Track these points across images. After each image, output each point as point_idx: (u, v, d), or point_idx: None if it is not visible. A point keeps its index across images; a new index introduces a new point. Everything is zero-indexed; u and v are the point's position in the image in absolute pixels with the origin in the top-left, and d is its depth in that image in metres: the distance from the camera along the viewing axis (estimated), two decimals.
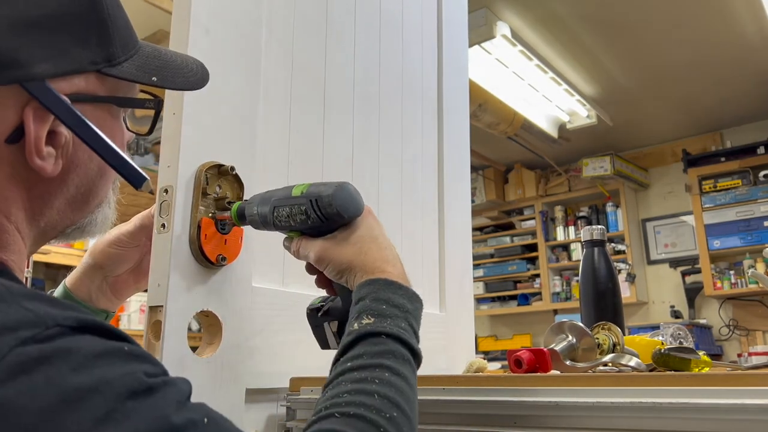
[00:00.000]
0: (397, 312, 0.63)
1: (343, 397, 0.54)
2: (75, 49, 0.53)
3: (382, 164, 1.24)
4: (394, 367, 0.58)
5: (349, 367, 0.58)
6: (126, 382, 0.40)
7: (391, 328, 0.61)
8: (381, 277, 0.67)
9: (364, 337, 0.61)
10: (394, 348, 0.60)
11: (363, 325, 0.61)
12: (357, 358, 0.59)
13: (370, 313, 0.62)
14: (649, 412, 0.62)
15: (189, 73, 0.64)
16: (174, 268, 0.79)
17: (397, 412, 0.54)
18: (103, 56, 0.55)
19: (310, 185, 0.71)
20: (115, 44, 0.56)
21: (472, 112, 3.66)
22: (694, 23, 3.32)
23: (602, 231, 1.21)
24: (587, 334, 0.87)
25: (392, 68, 1.30)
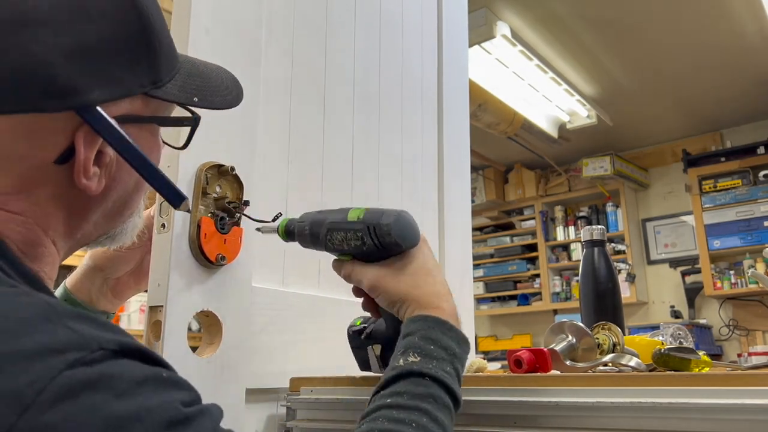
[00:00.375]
0: (444, 354, 0.63)
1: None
2: (126, 75, 0.54)
3: (382, 164, 1.24)
4: (433, 413, 0.58)
5: (389, 403, 0.59)
6: (165, 411, 0.41)
7: (436, 371, 0.61)
8: (433, 314, 0.67)
9: (408, 375, 0.61)
10: (435, 392, 0.60)
11: (409, 362, 0.62)
12: (398, 395, 0.59)
13: (417, 351, 0.62)
14: (649, 412, 0.62)
15: (225, 91, 0.65)
16: (174, 267, 0.79)
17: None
18: (150, 79, 0.56)
19: (366, 210, 0.71)
20: (162, 67, 0.57)
21: (472, 112, 3.65)
22: (695, 23, 3.32)
23: (602, 231, 1.21)
24: (587, 334, 0.87)
25: (392, 68, 1.30)
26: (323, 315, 1.03)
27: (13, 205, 0.52)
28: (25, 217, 0.53)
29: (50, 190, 0.53)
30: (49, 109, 0.50)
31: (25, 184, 0.52)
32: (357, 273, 0.72)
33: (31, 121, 0.50)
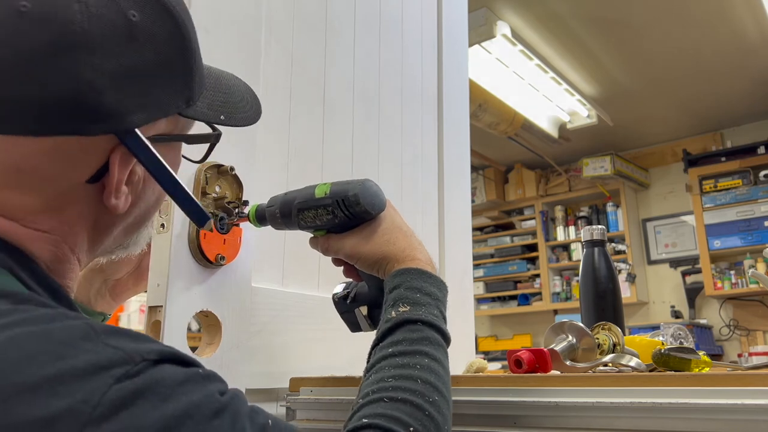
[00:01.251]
0: (429, 300, 0.69)
1: (389, 382, 0.59)
2: (165, 97, 0.54)
3: (381, 164, 1.24)
4: (432, 353, 0.63)
5: (391, 352, 0.63)
6: (209, 404, 0.44)
7: (427, 316, 0.66)
8: (412, 266, 0.71)
9: (403, 324, 0.65)
10: (429, 335, 0.65)
11: (400, 312, 0.66)
12: (397, 344, 0.64)
13: (405, 301, 0.67)
14: (649, 412, 0.62)
15: (246, 107, 0.66)
16: (173, 267, 0.79)
17: (437, 395, 0.59)
18: (185, 99, 0.56)
19: (332, 185, 0.74)
20: (195, 84, 0.57)
21: (472, 111, 3.65)
22: (695, 23, 3.32)
23: (602, 231, 1.21)
24: (587, 334, 0.87)
25: (392, 68, 1.30)
26: (323, 315, 1.03)
27: (43, 223, 0.53)
28: (54, 235, 0.53)
29: (79, 208, 0.54)
30: (92, 132, 0.50)
31: (55, 203, 0.53)
32: (334, 245, 0.76)
33: (70, 143, 0.51)
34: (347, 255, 0.75)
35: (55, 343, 0.42)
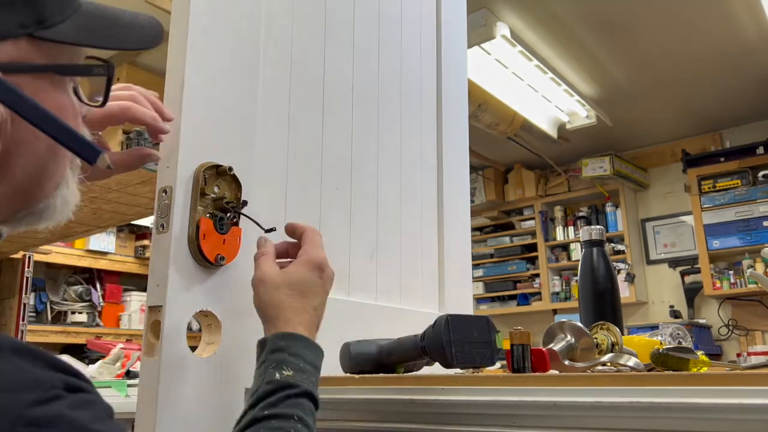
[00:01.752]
0: (310, 368, 0.70)
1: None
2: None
3: (381, 164, 1.24)
4: (306, 420, 0.65)
5: (266, 414, 0.63)
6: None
7: (307, 385, 0.68)
8: (298, 332, 0.72)
9: (284, 388, 0.66)
10: (306, 403, 0.66)
11: (284, 376, 0.67)
12: (274, 405, 0.64)
13: (289, 366, 0.68)
14: (648, 411, 0.62)
15: (139, 31, 0.58)
16: (173, 268, 0.79)
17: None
18: (33, 18, 0.48)
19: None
20: (48, 3, 0.49)
21: (471, 112, 3.65)
22: (694, 23, 3.32)
23: (601, 231, 1.21)
24: (586, 334, 0.87)
25: (391, 68, 1.30)
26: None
27: None
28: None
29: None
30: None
31: None
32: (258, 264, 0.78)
33: None
34: (254, 282, 0.76)
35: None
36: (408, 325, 1.09)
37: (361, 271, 1.15)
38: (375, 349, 0.92)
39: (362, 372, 0.92)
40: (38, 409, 0.39)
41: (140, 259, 4.13)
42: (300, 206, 1.03)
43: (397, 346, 0.91)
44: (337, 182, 1.12)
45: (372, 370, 0.92)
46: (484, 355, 0.87)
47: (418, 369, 0.97)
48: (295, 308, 0.73)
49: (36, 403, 0.39)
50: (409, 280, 1.27)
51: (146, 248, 4.11)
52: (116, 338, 3.67)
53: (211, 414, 0.81)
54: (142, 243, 4.16)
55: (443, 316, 0.84)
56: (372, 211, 1.20)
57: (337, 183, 1.12)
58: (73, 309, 3.80)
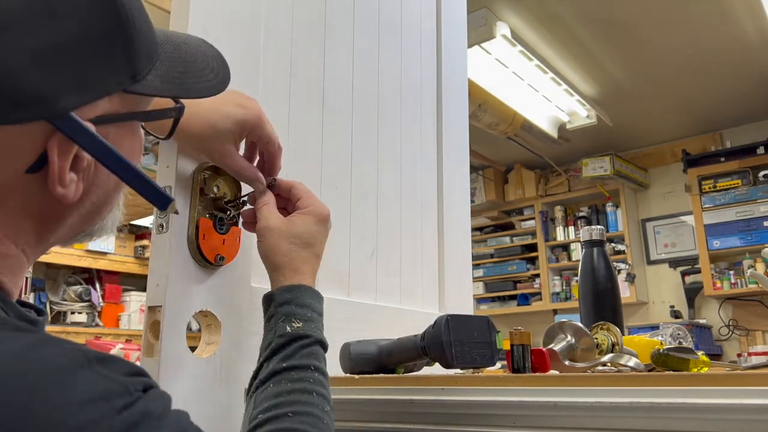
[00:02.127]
0: (316, 316, 0.73)
1: (289, 396, 0.64)
2: (101, 74, 0.50)
3: (381, 164, 1.24)
4: (320, 367, 0.69)
5: (285, 366, 0.67)
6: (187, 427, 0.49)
7: (316, 332, 0.71)
8: (302, 282, 0.75)
9: (296, 339, 0.69)
10: (317, 350, 0.70)
11: (294, 328, 0.70)
12: (290, 358, 0.68)
13: (297, 317, 0.71)
14: (648, 412, 0.62)
15: (210, 75, 0.62)
16: (173, 268, 0.79)
17: (328, 405, 0.66)
18: (128, 74, 0.52)
19: None
20: (141, 57, 0.53)
21: (472, 112, 3.65)
22: (694, 23, 3.32)
23: (601, 231, 1.21)
24: (586, 334, 0.87)
25: (391, 69, 1.30)
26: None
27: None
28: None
29: (21, 200, 0.50)
30: (17, 120, 0.47)
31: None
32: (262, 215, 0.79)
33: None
34: (260, 230, 0.77)
35: (51, 372, 0.42)
36: (408, 325, 1.09)
37: (361, 271, 1.15)
38: (375, 349, 0.92)
39: (362, 372, 0.92)
40: (127, 412, 0.43)
41: (140, 259, 4.13)
42: None
43: (397, 346, 0.91)
44: (337, 182, 1.12)
45: (372, 370, 0.92)
46: (484, 355, 0.87)
47: (418, 369, 0.96)
48: (302, 257, 0.76)
49: (125, 407, 0.43)
50: (409, 280, 1.27)
51: (146, 248, 4.11)
52: (116, 338, 3.66)
53: (211, 414, 0.81)
54: (142, 243, 4.16)
55: (443, 316, 0.84)
56: (372, 211, 1.20)
57: (337, 183, 1.12)
58: (73, 309, 3.80)
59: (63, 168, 0.49)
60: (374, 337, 0.96)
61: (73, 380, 0.42)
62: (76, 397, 0.41)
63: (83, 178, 0.52)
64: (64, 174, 0.50)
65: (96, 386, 0.43)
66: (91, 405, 0.41)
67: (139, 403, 0.44)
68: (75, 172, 0.51)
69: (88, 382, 0.42)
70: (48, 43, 0.46)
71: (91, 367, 0.43)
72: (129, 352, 2.21)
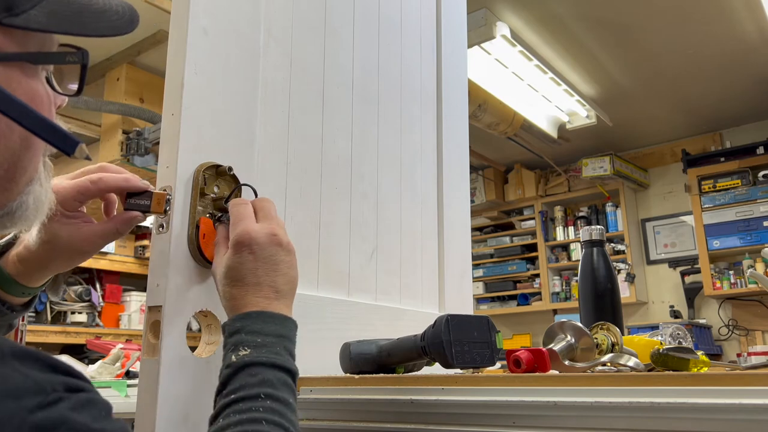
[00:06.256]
0: (273, 340, 0.69)
1: (237, 428, 0.60)
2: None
3: (381, 164, 1.24)
4: (274, 394, 0.64)
5: (233, 399, 0.63)
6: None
7: (268, 357, 0.66)
8: (253, 309, 0.71)
9: (243, 368, 0.65)
10: (269, 375, 0.65)
11: (240, 356, 0.66)
12: (239, 390, 0.64)
13: (246, 345, 0.67)
14: (648, 411, 0.62)
15: (114, 17, 0.55)
16: (173, 268, 0.79)
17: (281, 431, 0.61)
18: (2, 5, 0.46)
19: None
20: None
21: (471, 112, 3.65)
22: (694, 23, 3.32)
23: (601, 231, 1.21)
24: (586, 334, 0.87)
25: (391, 68, 1.30)
26: (322, 315, 1.03)
27: None
28: None
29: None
30: None
31: None
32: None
33: None
34: (214, 273, 0.75)
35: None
36: (408, 325, 1.09)
37: (361, 271, 1.15)
38: (375, 349, 0.92)
39: (362, 372, 0.92)
40: (41, 413, 0.39)
41: (140, 259, 4.13)
42: (300, 206, 1.03)
43: (397, 346, 0.91)
44: (337, 182, 1.12)
45: (372, 370, 0.92)
46: (484, 355, 0.87)
47: (418, 369, 0.97)
48: (239, 295, 0.72)
49: (39, 407, 0.39)
50: (409, 280, 1.27)
51: (146, 248, 4.11)
52: (116, 338, 3.67)
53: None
54: (142, 243, 4.16)
55: (443, 316, 0.84)
56: (372, 211, 1.20)
57: (337, 183, 1.12)
58: (73, 309, 3.80)
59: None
60: (374, 337, 0.96)
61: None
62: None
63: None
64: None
65: (5, 382, 0.39)
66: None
67: (58, 406, 0.40)
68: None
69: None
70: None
71: (4, 362, 0.40)
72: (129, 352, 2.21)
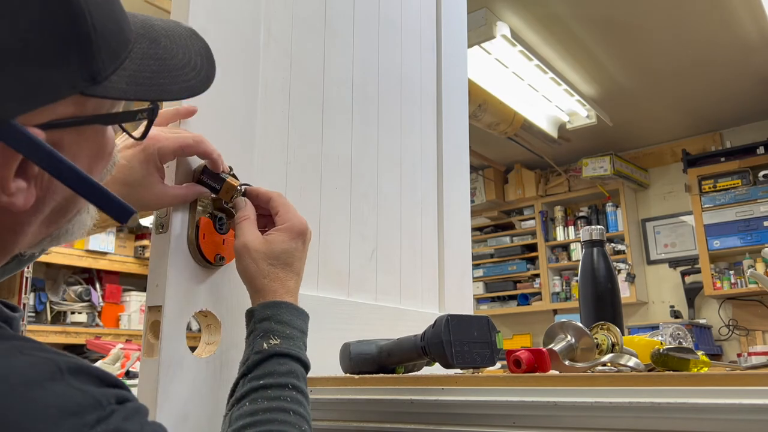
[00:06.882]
0: (297, 333, 0.73)
1: (265, 415, 0.64)
2: (50, 79, 0.45)
3: (381, 164, 1.24)
4: (299, 386, 0.69)
5: (262, 384, 0.67)
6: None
7: (295, 350, 0.71)
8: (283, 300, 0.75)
9: (273, 356, 0.69)
10: (296, 368, 0.70)
11: (271, 345, 0.70)
12: (268, 376, 0.68)
13: (276, 334, 0.71)
14: (648, 411, 0.62)
15: (191, 74, 0.57)
16: (172, 268, 0.79)
17: (306, 425, 0.66)
18: (86, 75, 0.47)
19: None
20: (102, 57, 0.48)
21: (472, 112, 3.65)
22: (694, 23, 3.32)
23: (601, 231, 1.21)
24: (586, 334, 0.87)
25: (391, 68, 1.30)
26: (322, 315, 1.03)
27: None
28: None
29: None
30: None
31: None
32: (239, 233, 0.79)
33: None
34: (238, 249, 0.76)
35: (19, 383, 0.41)
36: (408, 325, 1.09)
37: (361, 271, 1.15)
38: (375, 349, 0.92)
39: (362, 372, 0.92)
40: (99, 427, 0.42)
41: (140, 260, 4.13)
42: (300, 206, 1.03)
43: (397, 346, 0.90)
44: (337, 182, 1.12)
45: (372, 371, 0.92)
46: (484, 355, 0.87)
47: (418, 369, 0.96)
48: (281, 278, 0.75)
49: (98, 421, 0.42)
50: (409, 280, 1.27)
51: (146, 248, 4.11)
52: (116, 338, 3.66)
53: (211, 414, 0.81)
54: (142, 243, 4.16)
55: (443, 316, 0.84)
56: (372, 211, 1.20)
57: (337, 183, 1.12)
58: (73, 309, 3.80)
59: (5, 176, 0.46)
60: (374, 337, 0.96)
61: (43, 395, 0.41)
62: (45, 413, 0.40)
63: (36, 185, 0.48)
64: (7, 183, 0.46)
65: (67, 400, 0.42)
66: (62, 421, 0.40)
67: (113, 418, 0.43)
68: (24, 179, 0.47)
69: (58, 396, 0.41)
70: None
71: (62, 379, 0.42)
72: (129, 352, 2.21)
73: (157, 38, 0.56)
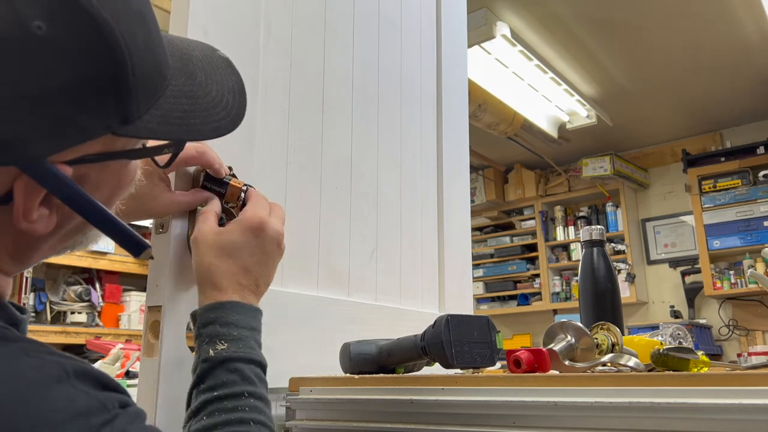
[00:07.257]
0: (246, 333, 0.69)
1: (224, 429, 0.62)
2: (85, 121, 0.46)
3: (381, 164, 1.24)
4: (255, 391, 0.66)
5: (216, 396, 0.64)
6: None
7: (245, 352, 0.68)
8: (226, 299, 0.70)
9: (222, 363, 0.66)
10: (248, 372, 0.67)
11: (218, 351, 0.66)
12: (221, 386, 0.65)
13: (222, 338, 0.67)
14: (648, 412, 0.62)
15: (221, 113, 0.57)
16: (172, 268, 0.79)
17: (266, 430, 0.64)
18: (119, 117, 0.48)
19: None
20: (137, 100, 0.49)
21: (472, 112, 3.65)
22: (694, 23, 3.32)
23: (601, 231, 1.21)
24: (586, 334, 0.87)
25: (391, 69, 1.30)
26: (322, 315, 1.03)
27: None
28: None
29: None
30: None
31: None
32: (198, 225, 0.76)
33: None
34: (191, 242, 0.74)
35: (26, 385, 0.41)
36: (408, 325, 1.09)
37: (361, 271, 1.15)
38: (375, 349, 0.92)
39: (362, 372, 0.92)
40: (104, 429, 0.43)
41: (140, 260, 4.12)
42: (300, 206, 1.03)
43: (397, 346, 0.90)
44: (337, 182, 1.12)
45: (372, 371, 0.92)
46: (484, 355, 0.87)
47: (418, 369, 0.96)
48: (222, 271, 0.71)
49: (104, 424, 0.43)
50: (409, 280, 1.27)
51: None
52: (116, 338, 3.66)
53: None
54: None
55: (443, 316, 0.84)
56: (372, 211, 1.20)
57: (337, 183, 1.12)
58: (73, 309, 3.80)
59: (29, 207, 0.47)
60: (374, 337, 0.96)
61: (50, 396, 0.41)
62: (53, 415, 0.41)
63: (57, 212, 0.50)
64: (30, 211, 0.48)
65: (74, 402, 0.42)
66: (70, 423, 0.41)
67: (117, 421, 0.44)
68: (47, 207, 0.49)
69: (65, 399, 0.42)
70: (23, 91, 0.43)
71: (68, 382, 0.43)
72: (129, 352, 2.21)
73: (194, 72, 0.56)
